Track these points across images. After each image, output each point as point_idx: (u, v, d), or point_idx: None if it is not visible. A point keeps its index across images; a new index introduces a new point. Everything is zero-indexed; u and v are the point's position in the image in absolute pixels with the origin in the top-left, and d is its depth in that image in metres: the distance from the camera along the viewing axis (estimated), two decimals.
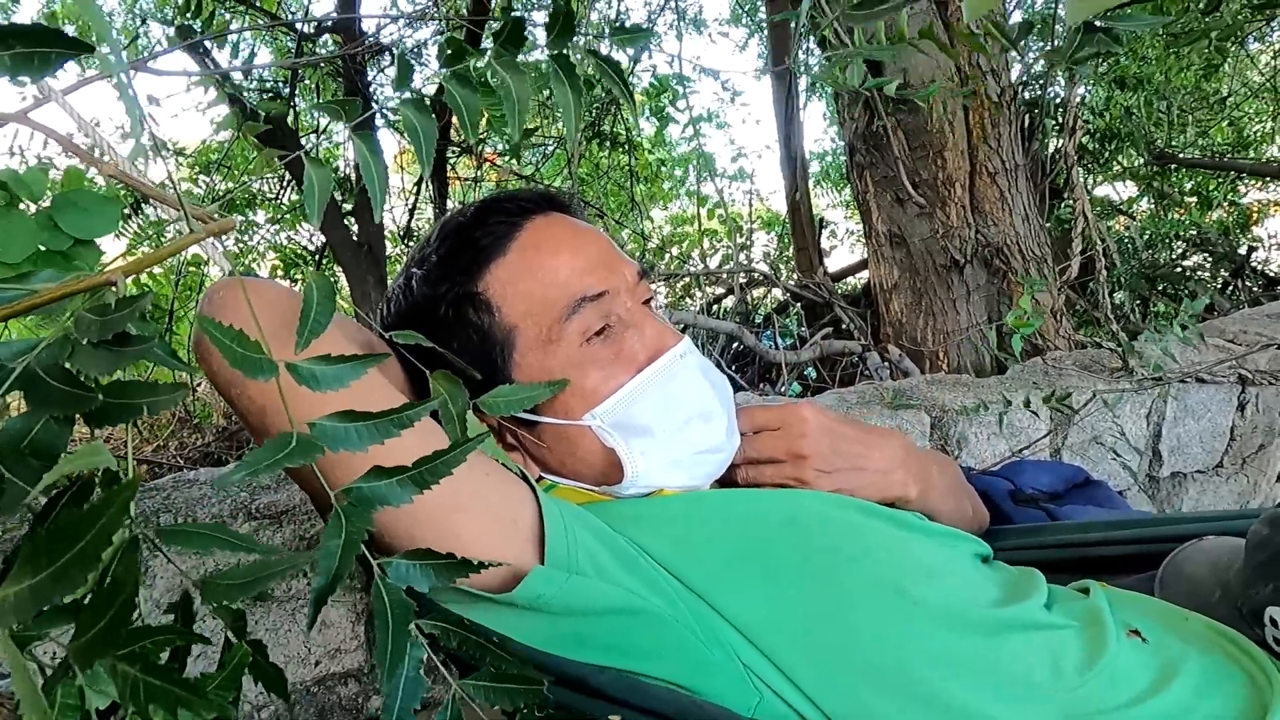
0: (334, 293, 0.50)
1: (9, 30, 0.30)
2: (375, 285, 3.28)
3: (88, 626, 0.25)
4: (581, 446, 0.74)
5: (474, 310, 0.74)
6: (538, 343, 0.73)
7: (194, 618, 0.39)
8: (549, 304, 0.73)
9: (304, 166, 0.47)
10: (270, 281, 0.65)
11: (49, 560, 0.24)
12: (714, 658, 0.63)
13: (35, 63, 0.30)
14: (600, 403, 0.73)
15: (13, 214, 0.45)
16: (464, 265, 0.76)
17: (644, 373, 0.73)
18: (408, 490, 0.42)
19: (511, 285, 0.74)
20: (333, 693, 1.22)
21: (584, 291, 0.73)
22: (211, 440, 3.07)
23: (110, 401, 0.33)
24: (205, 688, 0.32)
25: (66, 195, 0.46)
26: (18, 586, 0.24)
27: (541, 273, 0.74)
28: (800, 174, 4.09)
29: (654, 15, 4.18)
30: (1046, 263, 2.36)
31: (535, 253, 0.75)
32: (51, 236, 0.45)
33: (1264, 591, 0.67)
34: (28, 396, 0.30)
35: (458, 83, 0.47)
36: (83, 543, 0.24)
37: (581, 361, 0.73)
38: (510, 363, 0.74)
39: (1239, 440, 2.05)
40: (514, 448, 0.78)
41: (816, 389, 2.90)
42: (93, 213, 0.46)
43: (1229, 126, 4.94)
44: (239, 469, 0.38)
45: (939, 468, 0.88)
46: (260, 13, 3.26)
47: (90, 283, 0.33)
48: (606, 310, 0.74)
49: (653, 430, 0.73)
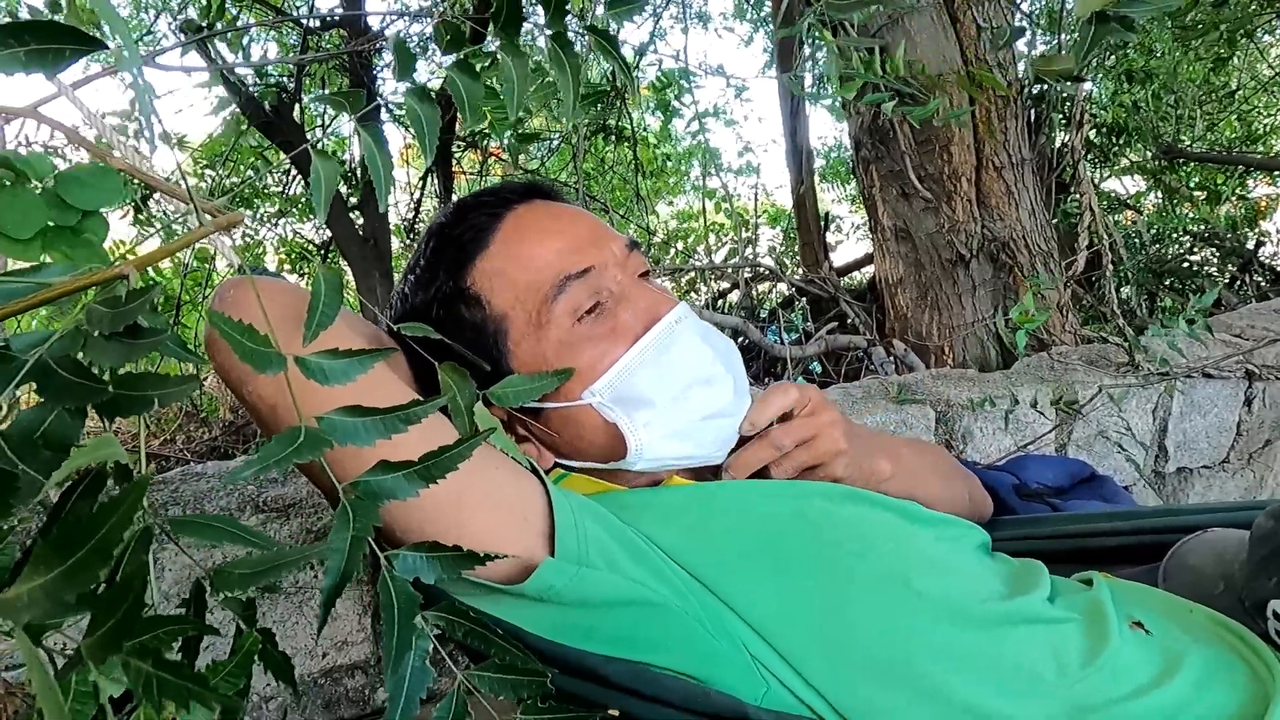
0: (342, 286, 0.50)
1: (24, 26, 0.30)
2: (381, 279, 3.28)
3: (101, 623, 0.26)
4: (586, 426, 0.74)
5: (465, 306, 0.75)
6: (529, 328, 0.73)
7: (206, 609, 0.40)
8: (534, 287, 0.73)
9: (310, 160, 0.48)
10: (280, 280, 0.65)
11: (62, 558, 0.25)
12: (721, 648, 0.64)
13: (49, 58, 0.30)
14: (597, 379, 0.72)
15: (20, 191, 0.45)
16: (449, 264, 0.76)
17: (639, 343, 0.73)
18: (414, 484, 0.43)
19: (496, 276, 0.74)
20: (339, 684, 1.23)
21: (568, 269, 0.72)
22: (219, 434, 3.08)
23: (121, 393, 0.33)
24: (216, 675, 0.32)
25: (67, 172, 0.47)
26: (31, 584, 0.25)
27: (524, 258, 0.74)
28: (806, 168, 4.08)
29: (659, 9, 4.17)
30: (1053, 257, 2.36)
31: (517, 240, 0.75)
32: (59, 213, 0.45)
33: (1267, 585, 0.67)
34: (40, 388, 0.31)
35: (459, 69, 0.47)
36: (95, 540, 0.24)
37: (575, 341, 0.73)
38: (506, 353, 0.74)
39: (1245, 435, 2.04)
40: (526, 439, 0.78)
41: (822, 384, 2.90)
42: (95, 185, 0.46)
43: (1238, 120, 4.91)
44: (249, 465, 0.38)
45: (912, 449, 0.88)
46: (267, 7, 3.26)
47: (103, 276, 0.33)
48: (595, 286, 0.73)
49: (653, 401, 0.73)
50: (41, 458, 0.30)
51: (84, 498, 0.33)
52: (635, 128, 4.00)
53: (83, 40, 0.31)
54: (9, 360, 0.30)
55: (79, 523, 0.25)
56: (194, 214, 0.42)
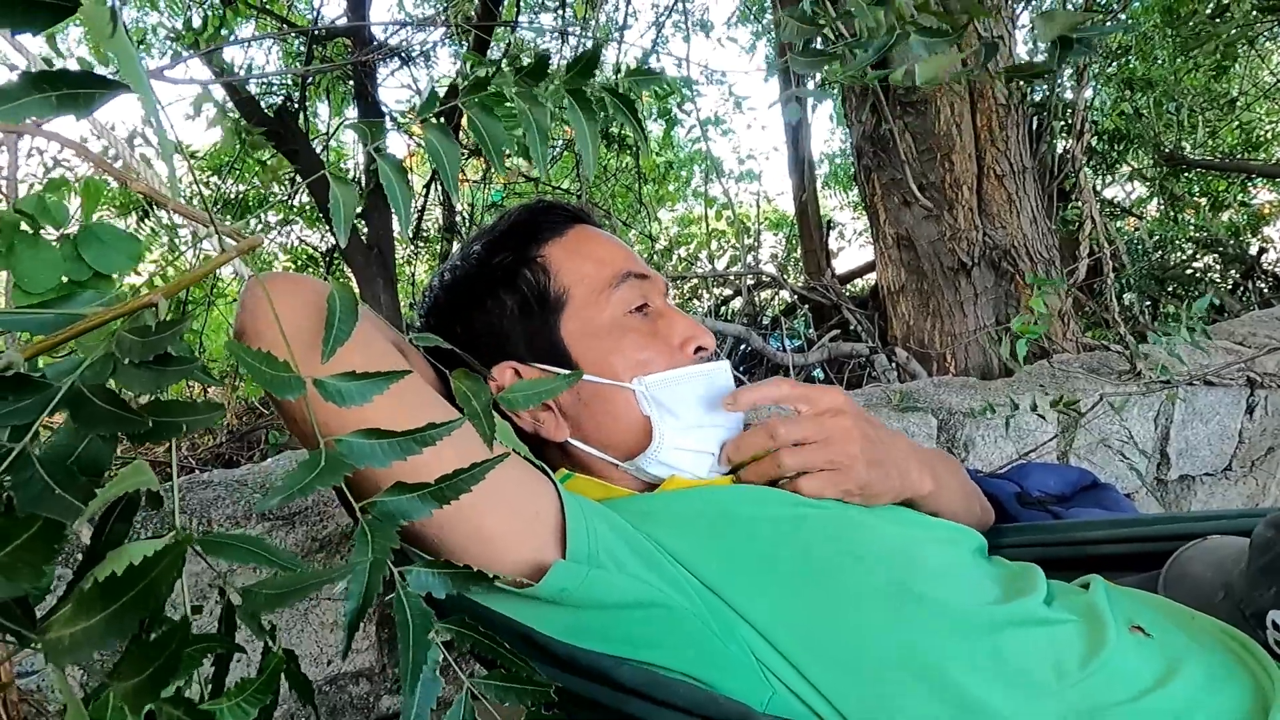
0: (356, 304, 0.51)
1: (57, 75, 0.32)
2: (385, 287, 3.29)
3: (135, 671, 0.27)
4: (621, 408, 0.80)
5: (530, 271, 0.83)
6: (587, 304, 0.82)
7: (236, 627, 0.41)
8: (599, 275, 0.82)
9: (312, 165, 0.49)
10: (306, 279, 0.66)
11: (104, 604, 0.26)
12: (729, 652, 0.64)
13: (80, 101, 0.32)
14: (650, 373, 0.79)
15: (40, 245, 0.46)
16: (523, 238, 0.85)
17: (698, 366, 0.82)
18: (429, 505, 0.44)
19: (567, 258, 0.83)
20: (344, 691, 1.24)
21: (631, 269, 0.83)
22: (224, 441, 3.09)
23: (156, 420, 0.34)
24: (244, 692, 0.33)
25: (90, 229, 0.48)
26: (74, 628, 0.26)
27: (594, 251, 0.85)
28: (808, 175, 4.10)
29: (661, 17, 4.19)
30: (1055, 265, 2.36)
31: (589, 239, 0.86)
32: (74, 267, 0.47)
33: (1267, 594, 0.67)
34: (74, 415, 0.32)
35: (482, 112, 0.48)
36: (138, 589, 0.26)
37: (625, 326, 0.81)
38: (560, 318, 0.82)
39: (1247, 443, 2.05)
40: (547, 405, 0.82)
41: None
42: (115, 248, 0.48)
43: (1238, 128, 4.91)
44: (274, 494, 0.40)
45: (945, 466, 0.89)
46: (272, 16, 3.28)
47: (135, 305, 0.35)
48: (646, 293, 0.84)
49: (681, 416, 0.79)
50: (78, 483, 0.31)
51: (119, 521, 0.34)
52: (639, 142, 4.02)
53: (107, 85, 0.33)
54: (43, 388, 0.31)
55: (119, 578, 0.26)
56: (212, 235, 0.43)
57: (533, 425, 0.82)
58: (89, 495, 0.31)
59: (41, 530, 0.25)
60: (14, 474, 0.30)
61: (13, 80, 0.32)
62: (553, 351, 0.81)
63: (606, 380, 0.79)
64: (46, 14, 0.31)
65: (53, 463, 0.32)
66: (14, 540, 0.25)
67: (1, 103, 0.31)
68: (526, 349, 0.82)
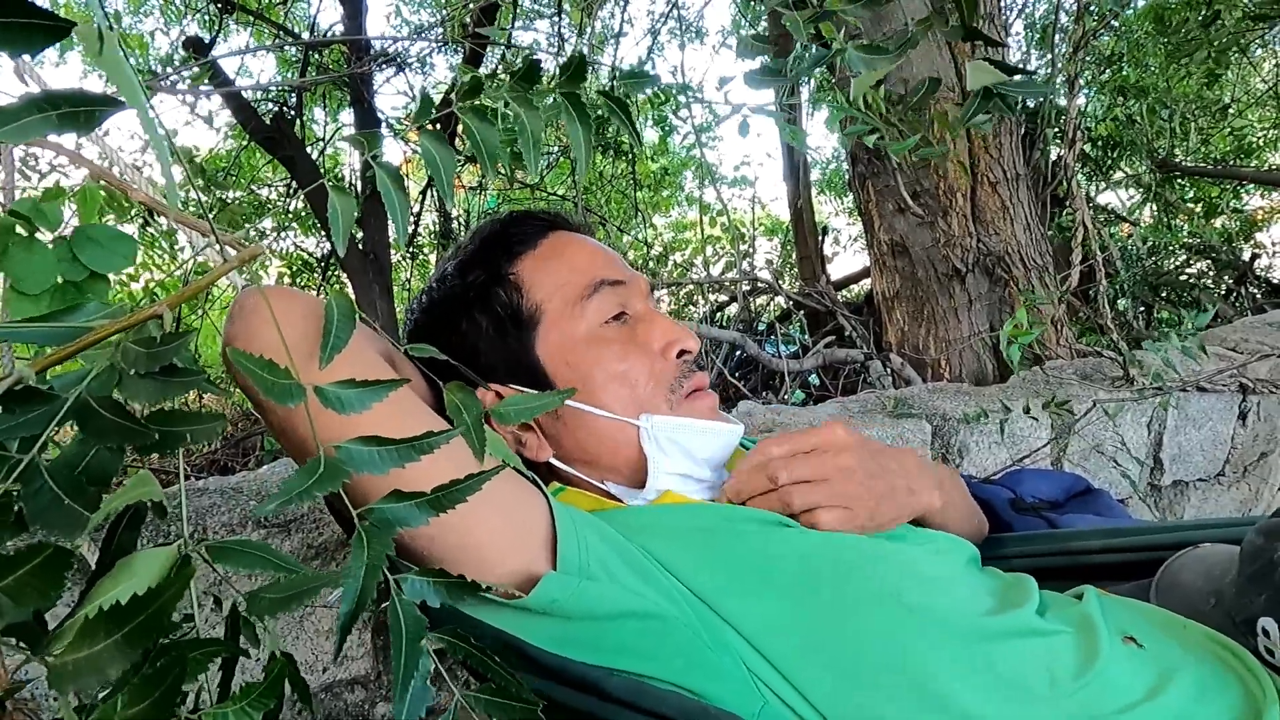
0: (353, 313, 0.51)
1: (58, 95, 0.33)
2: (381, 294, 3.30)
3: (141, 698, 0.27)
4: (620, 443, 0.79)
5: (503, 290, 0.82)
6: (561, 317, 0.80)
7: (240, 632, 0.41)
8: (573, 283, 0.81)
9: (309, 171, 0.49)
10: (293, 291, 0.66)
11: (109, 632, 0.26)
12: (721, 663, 0.65)
13: (80, 119, 0.33)
14: (661, 415, 0.79)
15: (35, 247, 0.47)
16: (494, 255, 0.84)
17: (713, 423, 0.81)
18: (425, 513, 0.44)
19: (539, 270, 0.82)
20: (339, 699, 1.24)
21: (605, 276, 0.81)
22: (219, 448, 3.09)
23: (162, 430, 0.34)
24: (249, 695, 0.33)
25: (85, 230, 0.48)
26: (78, 655, 0.26)
27: (567, 260, 0.83)
28: (803, 182, 4.11)
29: (657, 25, 4.21)
30: (1049, 271, 2.38)
31: (562, 247, 0.84)
32: (69, 268, 0.47)
33: (1257, 602, 0.67)
34: (83, 427, 0.32)
35: (476, 118, 0.49)
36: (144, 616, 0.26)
37: (602, 337, 0.80)
38: (535, 336, 0.80)
39: (1240, 449, 2.06)
40: (530, 427, 0.81)
41: (819, 397, 2.92)
42: (110, 249, 0.48)
43: (1230, 135, 4.94)
44: (273, 499, 0.40)
45: (951, 481, 0.89)
46: (269, 24, 3.29)
47: (140, 317, 0.35)
48: (623, 299, 0.82)
49: (679, 460, 0.79)
50: (86, 493, 0.32)
51: (127, 530, 0.35)
52: (634, 148, 4.03)
53: (109, 103, 0.33)
54: (51, 400, 0.32)
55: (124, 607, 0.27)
56: (213, 246, 0.44)
57: (515, 446, 0.82)
58: (97, 505, 0.32)
59: (49, 558, 0.26)
60: (24, 484, 0.30)
61: (14, 100, 0.32)
62: (530, 372, 0.80)
63: (609, 414, 0.78)
64: (42, 35, 0.32)
65: (61, 473, 0.32)
66: (23, 567, 0.25)
67: (3, 123, 0.32)
68: (505, 371, 0.81)
